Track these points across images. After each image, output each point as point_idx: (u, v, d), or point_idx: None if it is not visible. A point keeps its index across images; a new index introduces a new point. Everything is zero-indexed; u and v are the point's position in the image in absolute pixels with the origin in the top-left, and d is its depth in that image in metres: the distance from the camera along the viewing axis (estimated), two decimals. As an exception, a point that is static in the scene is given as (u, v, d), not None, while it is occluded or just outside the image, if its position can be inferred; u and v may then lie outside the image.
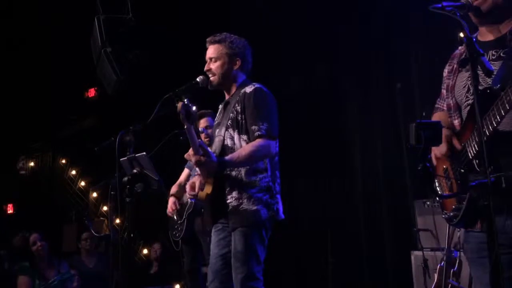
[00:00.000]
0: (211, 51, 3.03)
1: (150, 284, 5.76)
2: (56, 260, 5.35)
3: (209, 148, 2.82)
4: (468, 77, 2.03)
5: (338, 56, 5.51)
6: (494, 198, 1.69)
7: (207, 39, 3.07)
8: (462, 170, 1.99)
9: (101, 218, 7.29)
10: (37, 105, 7.75)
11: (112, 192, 3.33)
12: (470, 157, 1.94)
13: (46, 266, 5.17)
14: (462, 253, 4.00)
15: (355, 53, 5.41)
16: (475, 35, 2.07)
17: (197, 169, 2.93)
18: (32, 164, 8.96)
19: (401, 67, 5.27)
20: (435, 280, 4.07)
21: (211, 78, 3.02)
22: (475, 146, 1.91)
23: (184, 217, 4.21)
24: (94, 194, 7.81)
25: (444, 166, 2.10)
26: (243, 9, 5.58)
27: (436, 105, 2.32)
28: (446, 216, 2.10)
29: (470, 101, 2.02)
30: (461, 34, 1.83)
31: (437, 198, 2.13)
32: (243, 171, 2.87)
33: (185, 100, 2.74)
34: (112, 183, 3.32)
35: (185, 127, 2.73)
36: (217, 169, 2.76)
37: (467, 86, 2.05)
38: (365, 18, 5.32)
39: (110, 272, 4.92)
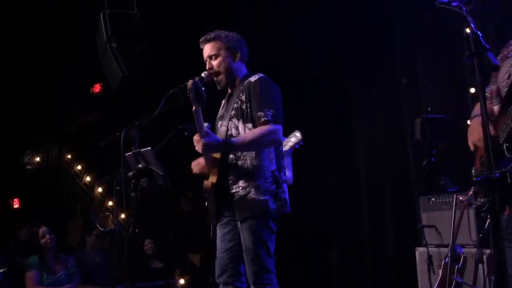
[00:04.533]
0: (209, 49, 2.98)
1: (154, 278, 5.78)
2: (63, 255, 5.38)
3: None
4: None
5: (344, 51, 5.49)
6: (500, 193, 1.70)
7: (200, 40, 3.02)
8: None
9: (106, 213, 7.31)
10: (42, 100, 7.77)
11: (117, 187, 3.32)
12: (501, 142, 1.97)
13: (54, 260, 5.21)
14: (466, 250, 4.00)
15: (360, 48, 5.40)
16: None
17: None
18: (38, 159, 8.99)
19: (406, 63, 5.26)
20: (440, 276, 4.06)
21: (218, 78, 2.98)
22: (505, 131, 1.94)
23: None
24: (99, 189, 7.85)
25: (482, 154, 2.12)
26: (247, 6, 5.58)
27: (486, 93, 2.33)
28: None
29: (506, 88, 2.07)
30: (467, 30, 1.83)
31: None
32: (249, 160, 2.84)
33: (197, 78, 2.64)
34: (117, 178, 3.31)
35: (193, 108, 2.65)
36: (222, 148, 2.71)
37: (509, 72, 2.09)
38: (370, 13, 5.30)
39: (115, 266, 4.93)
